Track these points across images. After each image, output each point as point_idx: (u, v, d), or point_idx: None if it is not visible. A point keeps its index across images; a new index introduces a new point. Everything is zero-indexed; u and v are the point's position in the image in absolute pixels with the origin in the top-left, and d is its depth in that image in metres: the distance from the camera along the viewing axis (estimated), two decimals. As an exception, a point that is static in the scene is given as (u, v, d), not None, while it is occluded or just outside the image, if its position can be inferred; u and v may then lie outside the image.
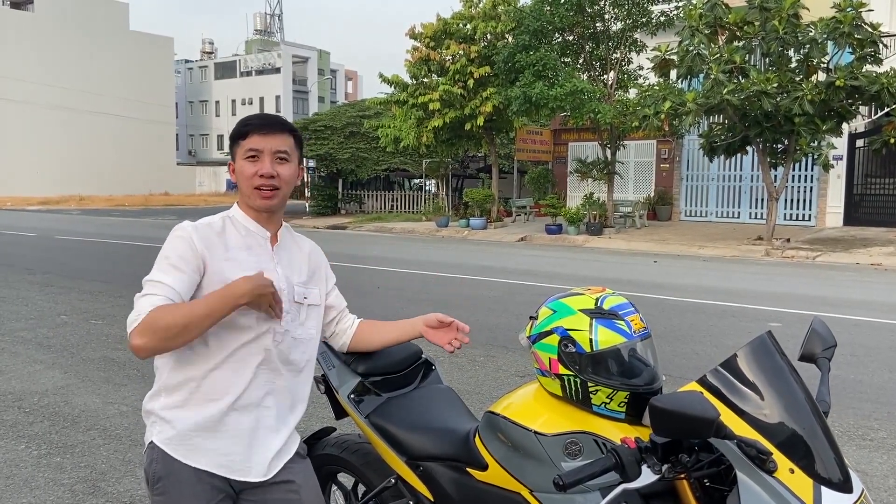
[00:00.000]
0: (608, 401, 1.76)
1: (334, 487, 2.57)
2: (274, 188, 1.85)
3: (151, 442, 1.84)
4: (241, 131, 1.87)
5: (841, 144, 19.04)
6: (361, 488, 2.43)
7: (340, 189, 32.95)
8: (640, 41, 20.06)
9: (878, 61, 14.59)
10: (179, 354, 1.80)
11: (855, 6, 14.16)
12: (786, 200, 20.73)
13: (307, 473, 1.98)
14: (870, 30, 14.22)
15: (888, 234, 17.59)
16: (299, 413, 1.99)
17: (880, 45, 14.48)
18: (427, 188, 34.81)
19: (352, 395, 2.28)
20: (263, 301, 1.76)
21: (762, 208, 20.92)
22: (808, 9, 14.82)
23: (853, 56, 14.50)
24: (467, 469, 1.99)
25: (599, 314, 1.79)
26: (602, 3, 19.37)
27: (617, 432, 1.72)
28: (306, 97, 68.17)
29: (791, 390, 1.56)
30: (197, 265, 1.78)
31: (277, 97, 65.47)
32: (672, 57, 16.03)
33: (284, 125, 1.89)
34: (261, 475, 1.86)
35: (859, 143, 19.71)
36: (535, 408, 1.88)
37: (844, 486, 1.45)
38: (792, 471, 1.44)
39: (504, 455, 1.88)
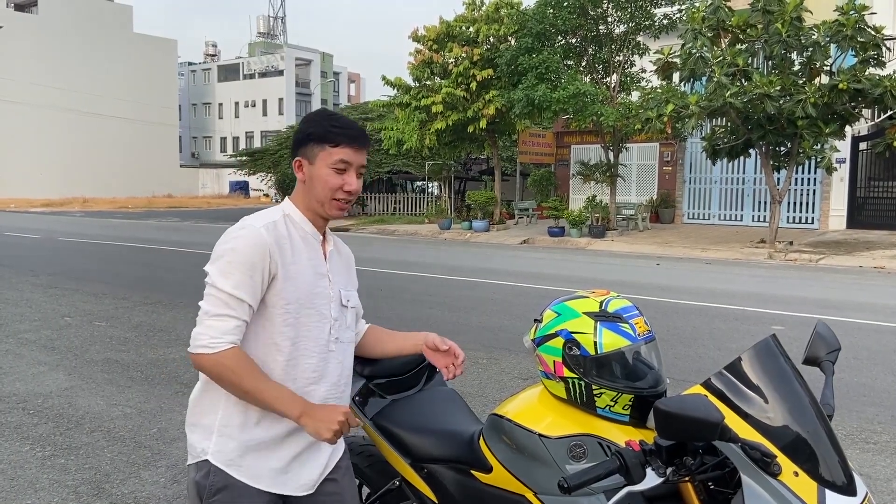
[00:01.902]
0: (613, 403, 1.76)
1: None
2: (350, 201, 1.86)
3: (206, 459, 1.78)
4: (331, 138, 1.80)
5: (844, 147, 19.02)
6: (366, 490, 2.43)
7: (343, 191, 32.92)
8: (643, 44, 20.07)
9: (881, 64, 14.58)
10: None
11: (858, 9, 14.16)
12: (789, 203, 20.70)
13: (348, 471, 2.00)
14: (872, 33, 14.22)
15: (891, 237, 17.56)
16: None
17: (883, 48, 14.47)
18: (429, 190, 34.84)
19: (356, 398, 2.29)
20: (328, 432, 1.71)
21: (765, 211, 20.90)
22: (810, 12, 14.82)
23: (856, 59, 14.50)
24: (471, 471, 1.99)
25: (604, 317, 1.79)
26: (605, 5, 19.38)
27: (621, 435, 1.73)
28: (309, 99, 68.23)
29: (795, 394, 1.56)
30: (268, 275, 1.74)
31: (280, 100, 65.57)
32: (675, 60, 16.03)
33: (368, 140, 1.87)
34: (314, 486, 1.88)
35: (862, 145, 19.70)
36: (539, 410, 1.89)
37: (848, 488, 1.46)
38: (796, 474, 1.44)
39: (508, 457, 1.89)
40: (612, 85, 20.13)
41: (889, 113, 16.20)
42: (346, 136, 1.80)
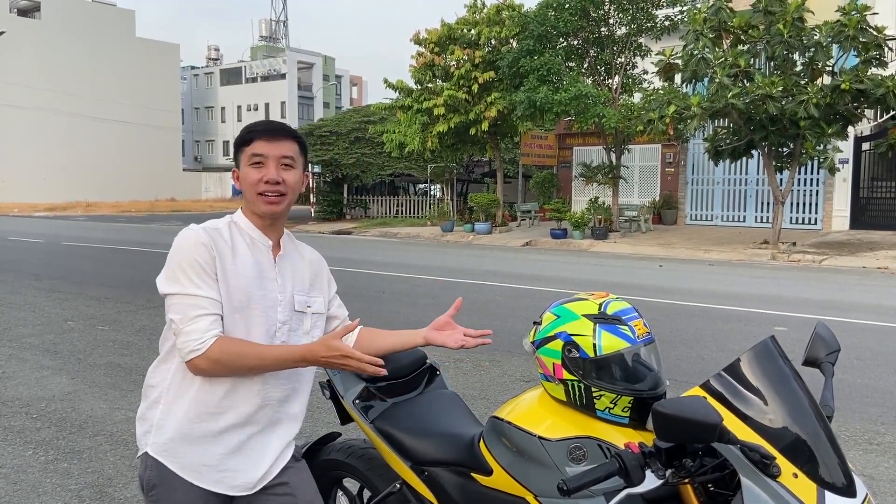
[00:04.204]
0: (612, 406, 1.76)
1: (340, 492, 2.57)
2: (280, 194, 1.85)
3: (146, 452, 1.85)
4: (246, 137, 1.86)
5: (846, 148, 19.00)
6: (367, 493, 2.44)
7: (345, 194, 33.03)
8: (645, 46, 20.08)
9: (884, 64, 14.56)
10: (184, 366, 1.80)
11: (860, 9, 14.15)
12: (791, 204, 20.68)
13: (302, 474, 1.99)
14: (875, 33, 14.21)
15: (894, 238, 17.53)
16: (298, 422, 1.99)
17: (885, 49, 14.45)
18: (432, 193, 34.86)
19: (357, 401, 2.29)
20: (341, 365, 1.77)
21: (768, 212, 20.88)
22: (812, 12, 14.81)
23: (858, 59, 14.48)
24: (472, 474, 1.99)
25: (603, 319, 1.79)
26: (606, 7, 19.39)
27: (621, 437, 1.73)
28: (311, 103, 68.35)
29: (794, 395, 1.56)
30: (215, 270, 1.79)
31: (283, 103, 65.67)
32: (676, 61, 16.02)
33: (289, 131, 1.89)
34: (253, 488, 1.89)
35: (865, 146, 19.67)
36: (539, 413, 1.89)
37: (848, 490, 1.46)
38: (795, 475, 1.44)
39: (509, 460, 1.88)
40: (614, 87, 20.14)
41: (892, 113, 16.17)
42: (257, 131, 1.86)
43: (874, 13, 14.74)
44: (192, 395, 1.82)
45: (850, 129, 16.39)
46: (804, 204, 21.09)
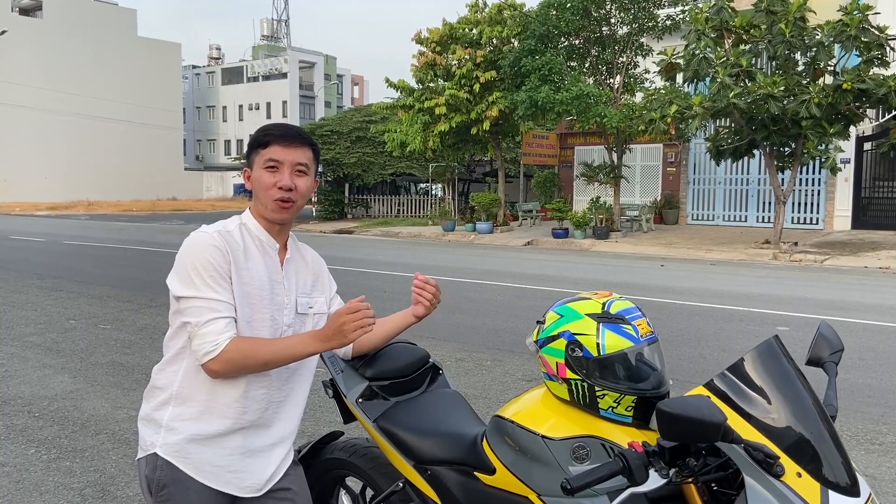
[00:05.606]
0: (615, 405, 1.76)
1: (342, 491, 2.58)
2: (291, 201, 1.86)
3: (155, 453, 1.85)
4: (262, 140, 1.87)
5: (848, 147, 18.97)
6: (370, 492, 2.44)
7: (347, 193, 33.03)
8: (647, 45, 20.06)
9: (885, 64, 14.55)
10: (194, 367, 1.81)
11: (861, 9, 14.14)
12: (793, 204, 20.67)
13: (302, 481, 2.04)
14: (876, 33, 14.20)
15: (896, 238, 17.52)
16: (297, 422, 2.02)
17: (887, 48, 14.45)
18: (433, 192, 34.85)
19: (360, 400, 2.29)
20: (353, 334, 1.76)
21: (769, 212, 20.87)
22: (814, 12, 14.81)
23: (860, 59, 14.48)
24: (475, 473, 1.99)
25: (606, 318, 1.79)
26: (608, 7, 19.38)
27: (624, 436, 1.73)
28: (313, 102, 68.37)
29: (798, 394, 1.56)
30: (229, 274, 1.80)
31: (284, 102, 65.69)
32: (678, 61, 16.02)
33: (305, 138, 1.90)
34: (261, 490, 1.91)
35: (867, 146, 19.65)
36: (542, 412, 1.89)
37: (852, 489, 1.46)
38: (799, 475, 1.44)
39: (512, 459, 1.89)
40: (616, 86, 20.12)
41: (893, 113, 16.18)
42: (273, 135, 1.86)
43: (876, 13, 14.72)
44: (202, 396, 1.83)
45: (852, 128, 16.39)
46: (806, 204, 21.08)
